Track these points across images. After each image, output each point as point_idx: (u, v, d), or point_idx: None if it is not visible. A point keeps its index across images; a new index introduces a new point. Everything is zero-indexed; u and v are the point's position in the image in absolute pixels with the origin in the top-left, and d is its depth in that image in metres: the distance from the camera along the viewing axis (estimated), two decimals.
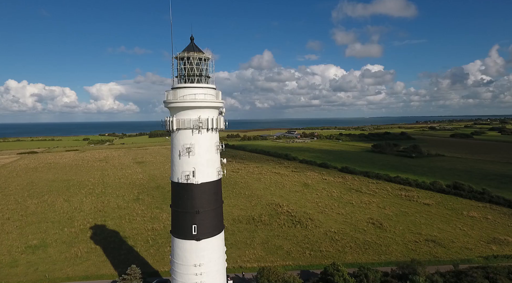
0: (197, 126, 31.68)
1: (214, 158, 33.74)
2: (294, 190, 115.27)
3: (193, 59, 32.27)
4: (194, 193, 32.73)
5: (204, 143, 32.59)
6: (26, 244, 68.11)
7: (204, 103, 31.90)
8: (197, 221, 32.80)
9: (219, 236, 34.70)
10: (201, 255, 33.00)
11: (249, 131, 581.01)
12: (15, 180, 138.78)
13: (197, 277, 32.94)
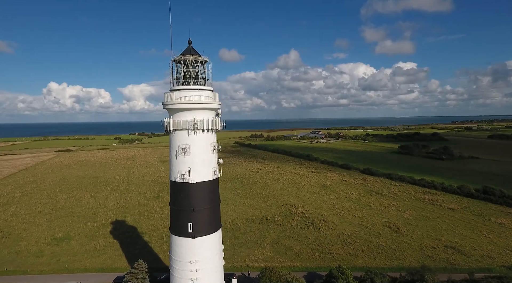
0: (192, 127, 32.68)
1: (210, 158, 34.58)
2: (311, 191, 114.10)
3: (190, 62, 33.30)
4: (189, 192, 33.79)
5: (200, 143, 33.53)
6: (53, 236, 73.11)
7: (199, 105, 32.85)
8: (192, 219, 33.84)
9: (215, 235, 35.51)
10: (196, 252, 34.00)
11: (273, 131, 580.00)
12: (50, 176, 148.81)
13: (193, 274, 33.98)
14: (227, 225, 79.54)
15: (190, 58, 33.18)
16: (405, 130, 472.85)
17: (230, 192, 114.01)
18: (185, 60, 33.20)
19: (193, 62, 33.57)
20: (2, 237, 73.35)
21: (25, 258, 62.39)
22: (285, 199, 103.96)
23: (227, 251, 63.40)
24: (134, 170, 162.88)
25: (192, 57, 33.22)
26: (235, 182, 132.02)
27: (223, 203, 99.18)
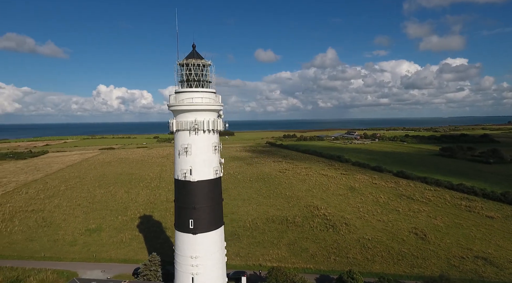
0: (193, 127, 34.09)
1: (211, 158, 35.77)
2: (337, 193, 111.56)
3: (192, 66, 34.76)
4: (190, 190, 35.26)
5: (201, 143, 34.86)
6: (86, 227, 79.42)
7: (199, 106, 34.18)
8: (193, 216, 35.27)
9: (216, 232, 36.62)
10: (197, 248, 35.40)
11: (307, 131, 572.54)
12: (91, 172, 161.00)
13: (193, 268, 35.41)
14: (247, 224, 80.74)
15: (193, 62, 34.62)
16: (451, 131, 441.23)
17: (254, 192, 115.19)
18: (188, 63, 34.71)
19: (196, 66, 34.97)
20: (45, 226, 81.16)
21: (61, 246, 68.60)
22: (309, 200, 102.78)
23: (243, 249, 64.72)
24: (167, 168, 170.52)
25: (194, 61, 34.65)
26: (261, 181, 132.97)
27: (246, 202, 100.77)
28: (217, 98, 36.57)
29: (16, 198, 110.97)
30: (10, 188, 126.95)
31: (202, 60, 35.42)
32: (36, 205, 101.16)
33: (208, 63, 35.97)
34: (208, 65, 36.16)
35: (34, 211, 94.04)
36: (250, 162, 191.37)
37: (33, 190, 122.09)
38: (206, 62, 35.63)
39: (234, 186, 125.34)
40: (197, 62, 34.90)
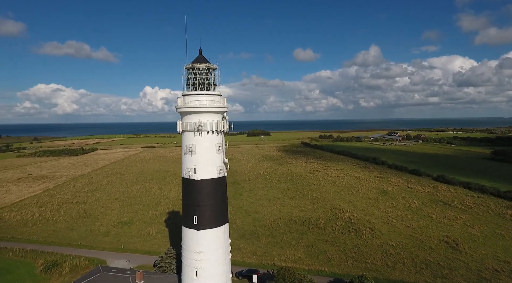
0: (197, 128, 35.84)
1: (215, 158, 37.26)
2: (367, 196, 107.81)
3: (197, 70, 36.53)
4: (194, 188, 37.07)
5: (204, 143, 36.50)
6: (120, 220, 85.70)
7: (203, 108, 35.82)
8: (197, 212, 37.05)
9: (219, 229, 38.05)
10: (200, 243, 37.14)
11: (346, 132, 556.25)
12: (131, 169, 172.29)
13: (197, 263, 37.21)
14: (268, 224, 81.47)
15: (197, 66, 36.37)
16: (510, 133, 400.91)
17: (280, 192, 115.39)
18: (193, 68, 36.53)
19: (201, 70, 36.68)
20: (85, 217, 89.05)
21: (95, 236, 75.01)
22: (335, 202, 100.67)
23: (261, 248, 65.72)
24: None
25: (199, 65, 36.38)
26: (289, 182, 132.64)
27: (271, 202, 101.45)
28: (221, 100, 37.97)
29: (65, 190, 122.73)
30: (61, 181, 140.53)
31: (208, 64, 37.03)
32: (80, 197, 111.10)
33: (214, 67, 37.52)
34: (213, 69, 37.71)
35: (78, 203, 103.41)
36: (281, 162, 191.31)
37: (79, 184, 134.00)
38: (212, 66, 37.18)
39: (262, 186, 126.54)
40: (202, 66, 36.57)
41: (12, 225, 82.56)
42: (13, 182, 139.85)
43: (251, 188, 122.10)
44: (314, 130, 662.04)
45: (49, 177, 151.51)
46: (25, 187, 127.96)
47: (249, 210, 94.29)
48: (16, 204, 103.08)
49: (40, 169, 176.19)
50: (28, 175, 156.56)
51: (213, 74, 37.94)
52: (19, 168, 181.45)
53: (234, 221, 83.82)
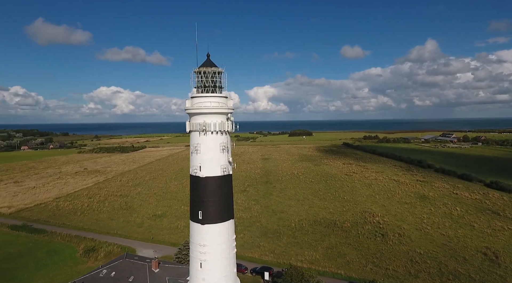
0: (202, 129, 38.00)
1: (218, 157, 39.03)
2: (403, 201, 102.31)
3: (204, 73, 38.68)
4: (199, 185, 39.27)
5: (209, 143, 38.47)
6: (154, 213, 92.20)
7: (207, 110, 37.78)
8: (202, 208, 39.20)
9: (223, 225, 39.74)
10: (204, 237, 39.25)
11: (395, 132, 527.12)
12: (173, 166, 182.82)
13: (201, 255, 39.43)
14: (292, 224, 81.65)
15: (203, 70, 38.53)
16: None
17: (311, 193, 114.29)
18: (200, 71, 38.77)
19: (208, 73, 38.81)
20: (124, 209, 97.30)
21: (130, 226, 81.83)
22: (367, 206, 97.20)
23: (280, 247, 66.60)
24: (236, 165, 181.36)
25: (205, 69, 38.52)
26: (322, 183, 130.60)
27: (300, 203, 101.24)
28: (227, 102, 39.69)
29: (112, 184, 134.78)
30: (111, 176, 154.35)
31: (214, 68, 38.97)
32: (123, 191, 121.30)
33: (221, 70, 39.41)
34: (220, 72, 39.56)
35: (121, 196, 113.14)
36: (318, 162, 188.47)
37: (125, 179, 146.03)
38: (218, 70, 39.06)
39: (293, 186, 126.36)
40: (209, 70, 38.64)
41: (64, 213, 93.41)
42: (71, 175, 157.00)
43: (282, 188, 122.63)
44: (360, 130, 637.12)
45: (101, 171, 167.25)
46: (80, 180, 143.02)
47: (276, 209, 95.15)
48: (70, 194, 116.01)
49: (95, 164, 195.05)
50: (84, 169, 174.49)
51: (220, 77, 39.75)
52: (78, 163, 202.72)
53: (259, 220, 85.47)
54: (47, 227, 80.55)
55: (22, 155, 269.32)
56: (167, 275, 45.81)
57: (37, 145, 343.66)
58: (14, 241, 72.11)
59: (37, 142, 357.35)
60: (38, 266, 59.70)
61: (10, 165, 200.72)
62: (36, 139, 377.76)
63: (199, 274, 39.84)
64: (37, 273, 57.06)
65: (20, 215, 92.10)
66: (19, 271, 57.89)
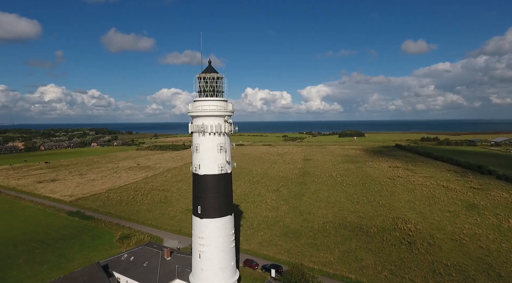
0: (201, 130, 41.17)
1: (216, 156, 41.77)
2: (446, 209, 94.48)
3: (204, 79, 41.78)
4: (199, 182, 42.44)
5: (207, 143, 41.44)
6: (186, 208, 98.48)
7: (205, 112, 40.79)
8: (201, 203, 42.33)
9: (220, 220, 42.39)
10: (203, 230, 42.34)
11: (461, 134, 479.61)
12: None
13: (201, 247, 42.59)
14: (315, 226, 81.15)
15: (203, 76, 41.64)
16: None
17: (345, 196, 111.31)
18: (201, 77, 41.96)
19: (209, 79, 41.87)
20: (163, 202, 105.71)
21: (164, 218, 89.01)
22: (402, 212, 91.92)
23: (296, 247, 67.42)
24: (275, 165, 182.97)
25: (205, 75, 41.58)
26: (359, 186, 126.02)
27: (329, 205, 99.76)
28: (226, 105, 42.27)
29: (158, 179, 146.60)
30: (158, 171, 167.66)
31: (215, 74, 41.94)
32: (166, 186, 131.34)
33: (220, 76, 42.21)
34: (220, 78, 42.39)
35: (163, 190, 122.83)
36: (361, 165, 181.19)
37: (170, 175, 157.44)
38: (217, 76, 41.90)
39: (328, 188, 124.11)
40: (210, 76, 41.65)
41: (112, 203, 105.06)
42: (125, 169, 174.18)
43: (316, 189, 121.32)
44: (420, 131, 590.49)
45: (151, 167, 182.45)
46: (131, 174, 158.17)
47: (304, 210, 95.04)
48: (121, 187, 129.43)
49: (147, 161, 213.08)
50: (137, 164, 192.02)
51: (220, 82, 42.57)
52: (133, 159, 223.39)
53: (283, 220, 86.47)
54: (96, 215, 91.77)
55: (91, 151, 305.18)
56: (177, 263, 50.02)
57: (104, 142, 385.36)
58: (68, 225, 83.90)
59: (105, 139, 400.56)
60: (82, 247, 68.97)
61: (79, 159, 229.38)
62: (104, 137, 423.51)
63: (198, 264, 43.24)
64: (79, 253, 66.06)
65: (77, 203, 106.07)
66: (66, 250, 67.62)
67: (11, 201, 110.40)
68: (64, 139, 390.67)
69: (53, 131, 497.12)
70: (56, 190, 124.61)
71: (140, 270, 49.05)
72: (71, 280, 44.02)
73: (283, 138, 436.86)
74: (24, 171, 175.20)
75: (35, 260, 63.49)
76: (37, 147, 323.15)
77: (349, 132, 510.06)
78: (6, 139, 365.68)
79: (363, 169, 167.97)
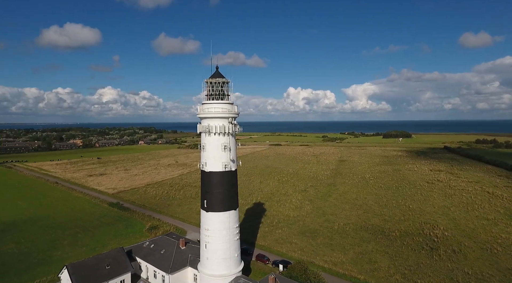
0: (206, 130, 44.74)
1: (221, 155, 44.93)
2: (483, 217, 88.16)
3: (210, 83, 45.29)
4: (205, 178, 45.99)
5: (212, 143, 44.80)
6: None
7: (210, 114, 44.15)
8: (206, 198, 45.86)
9: (224, 214, 45.46)
10: (208, 222, 45.80)
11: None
12: (249, 163, 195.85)
13: (207, 238, 46.12)
14: (335, 226, 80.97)
15: (210, 81, 45.12)
16: None
17: (373, 199, 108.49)
18: (208, 82, 45.54)
19: (216, 83, 45.32)
20: (193, 198, 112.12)
21: (191, 213, 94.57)
22: (433, 218, 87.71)
23: (310, 246, 68.75)
24: (308, 166, 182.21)
25: (212, 80, 45.06)
26: (391, 189, 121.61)
27: (355, 207, 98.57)
28: (231, 108, 45.35)
29: (192, 176, 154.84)
30: (194, 169, 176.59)
31: (222, 79, 45.24)
32: (198, 182, 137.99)
33: (226, 81, 45.44)
34: (226, 82, 45.62)
35: (195, 187, 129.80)
36: (400, 167, 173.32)
37: None
38: (223, 80, 45.13)
39: (358, 189, 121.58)
40: (216, 81, 45.09)
41: (148, 197, 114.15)
42: (165, 166, 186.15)
43: (344, 191, 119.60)
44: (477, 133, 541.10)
45: (188, 164, 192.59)
46: (169, 171, 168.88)
47: (327, 211, 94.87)
48: (158, 182, 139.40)
49: (186, 158, 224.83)
50: (176, 162, 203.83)
51: (226, 86, 45.81)
52: (174, 157, 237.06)
53: (304, 219, 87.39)
54: (132, 206, 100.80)
55: (138, 148, 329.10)
56: (190, 252, 54.32)
57: (151, 140, 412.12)
58: (107, 214, 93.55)
59: (151, 138, 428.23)
60: (116, 235, 76.94)
61: (127, 156, 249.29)
62: (151, 136, 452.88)
63: (205, 253, 47.05)
64: (113, 239, 73.86)
65: (118, 195, 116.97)
66: (103, 236, 76.02)
67: (65, 191, 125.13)
68: (115, 138, 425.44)
69: (107, 130, 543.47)
70: (102, 183, 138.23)
71: (157, 257, 54.22)
72: (98, 260, 50.38)
73: (322, 138, 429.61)
74: (79, 165, 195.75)
75: (77, 243, 72.48)
76: (92, 144, 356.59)
77: (394, 133, 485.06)
78: (68, 137, 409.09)
79: (400, 171, 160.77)
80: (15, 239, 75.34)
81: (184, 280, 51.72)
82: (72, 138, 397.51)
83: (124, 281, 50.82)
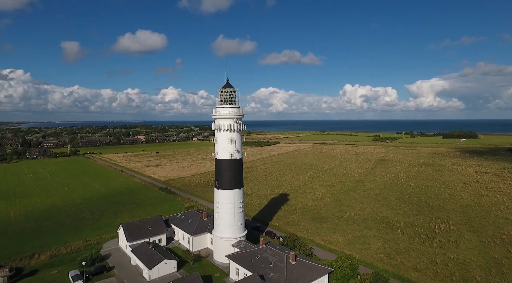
0: (218, 128, 59.28)
1: (227, 146, 58.91)
2: (504, 216, 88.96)
3: (221, 92, 59.67)
4: (216, 163, 60.56)
5: (221, 137, 59.02)
6: (246, 193, 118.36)
7: (220, 115, 58.59)
8: (217, 178, 60.34)
9: (230, 191, 59.32)
10: (218, 197, 60.13)
11: None
12: (287, 160, 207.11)
13: (217, 209, 60.61)
14: (345, 216, 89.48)
15: (222, 90, 59.52)
16: None
17: (396, 195, 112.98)
18: (220, 91, 60.03)
19: (225, 92, 59.60)
20: None
21: None
22: (448, 214, 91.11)
23: (315, 227, 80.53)
24: (345, 164, 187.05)
25: (223, 89, 59.42)
26: (419, 188, 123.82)
27: (373, 201, 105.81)
28: (237, 111, 59.16)
29: None
30: None
31: (230, 88, 59.35)
32: None
33: (234, 90, 59.46)
34: (234, 91, 59.62)
35: None
36: (441, 168, 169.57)
37: (243, 166, 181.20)
38: (231, 90, 59.08)
39: (384, 187, 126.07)
40: (226, 90, 59.26)
41: (190, 184, 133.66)
42: (211, 160, 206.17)
43: (370, 188, 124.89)
44: None
45: None
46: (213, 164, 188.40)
47: (344, 203, 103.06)
48: (202, 173, 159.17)
49: None
50: None
51: (234, 94, 59.74)
52: None
53: (319, 208, 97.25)
54: (177, 191, 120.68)
55: (191, 144, 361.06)
56: (210, 223, 69.46)
57: (204, 137, 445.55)
58: (157, 196, 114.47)
59: (204, 135, 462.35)
60: (161, 211, 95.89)
61: (180, 150, 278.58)
62: (204, 133, 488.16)
63: (216, 221, 62.12)
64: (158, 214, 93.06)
65: (167, 182, 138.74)
66: (151, 211, 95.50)
67: (127, 177, 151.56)
68: (173, 134, 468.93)
69: (167, 127, 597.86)
70: (156, 172, 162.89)
71: (185, 224, 70.58)
72: (143, 222, 68.44)
73: (373, 138, 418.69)
74: (140, 158, 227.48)
75: (132, 214, 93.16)
76: (153, 140, 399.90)
77: (457, 134, 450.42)
78: (134, 133, 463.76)
79: (440, 172, 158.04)
80: (90, 209, 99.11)
81: (204, 242, 67.33)
82: (137, 135, 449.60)
83: (161, 239, 68.25)
